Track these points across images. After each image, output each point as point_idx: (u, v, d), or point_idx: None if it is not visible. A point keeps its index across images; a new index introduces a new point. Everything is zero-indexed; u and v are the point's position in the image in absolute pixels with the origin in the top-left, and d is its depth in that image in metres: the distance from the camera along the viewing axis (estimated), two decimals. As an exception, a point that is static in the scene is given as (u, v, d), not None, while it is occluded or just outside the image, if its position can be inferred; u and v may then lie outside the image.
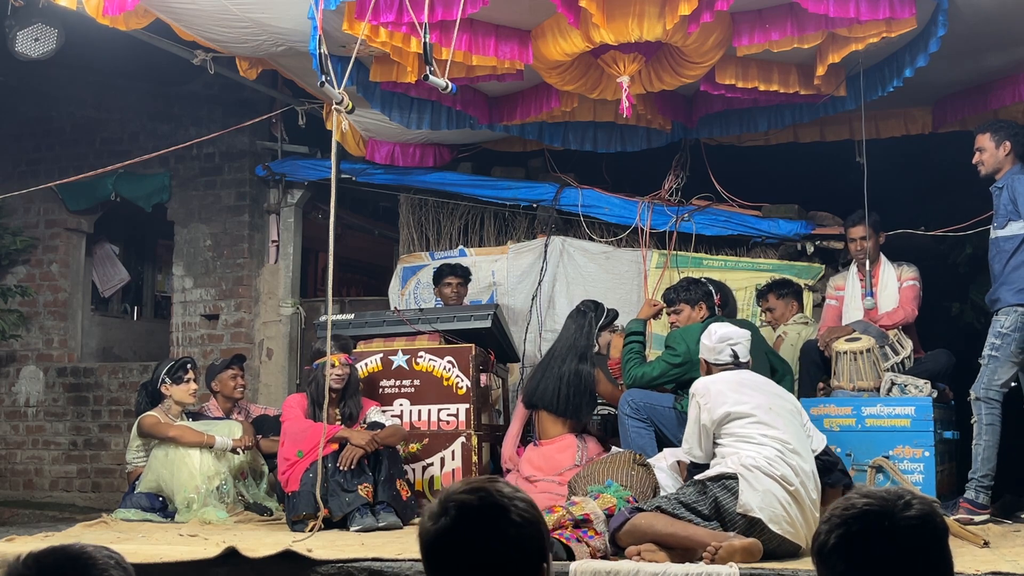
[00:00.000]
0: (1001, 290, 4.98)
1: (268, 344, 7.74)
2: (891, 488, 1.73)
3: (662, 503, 3.91)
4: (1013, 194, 4.96)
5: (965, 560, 3.61)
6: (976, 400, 4.94)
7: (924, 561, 1.65)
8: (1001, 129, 5.13)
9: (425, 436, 5.62)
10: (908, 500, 1.67)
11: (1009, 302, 4.92)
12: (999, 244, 5.04)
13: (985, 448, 4.91)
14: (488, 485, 1.71)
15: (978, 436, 4.92)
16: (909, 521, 1.64)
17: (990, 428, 4.91)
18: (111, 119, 8.27)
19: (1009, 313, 4.91)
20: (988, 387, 4.92)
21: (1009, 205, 4.98)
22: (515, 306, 7.06)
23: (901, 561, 1.63)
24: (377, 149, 7.07)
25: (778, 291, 6.18)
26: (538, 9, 4.92)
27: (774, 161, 7.14)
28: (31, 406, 8.27)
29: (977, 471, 4.91)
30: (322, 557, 3.86)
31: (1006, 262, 4.97)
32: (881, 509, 1.66)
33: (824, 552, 1.68)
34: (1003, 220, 5.01)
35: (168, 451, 5.54)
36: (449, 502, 1.68)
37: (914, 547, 1.64)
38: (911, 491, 1.71)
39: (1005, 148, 5.07)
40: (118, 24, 5.19)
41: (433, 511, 1.70)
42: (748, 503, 3.81)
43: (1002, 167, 5.08)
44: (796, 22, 4.89)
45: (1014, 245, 4.95)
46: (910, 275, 5.67)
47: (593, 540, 3.85)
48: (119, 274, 9.29)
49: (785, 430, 4.05)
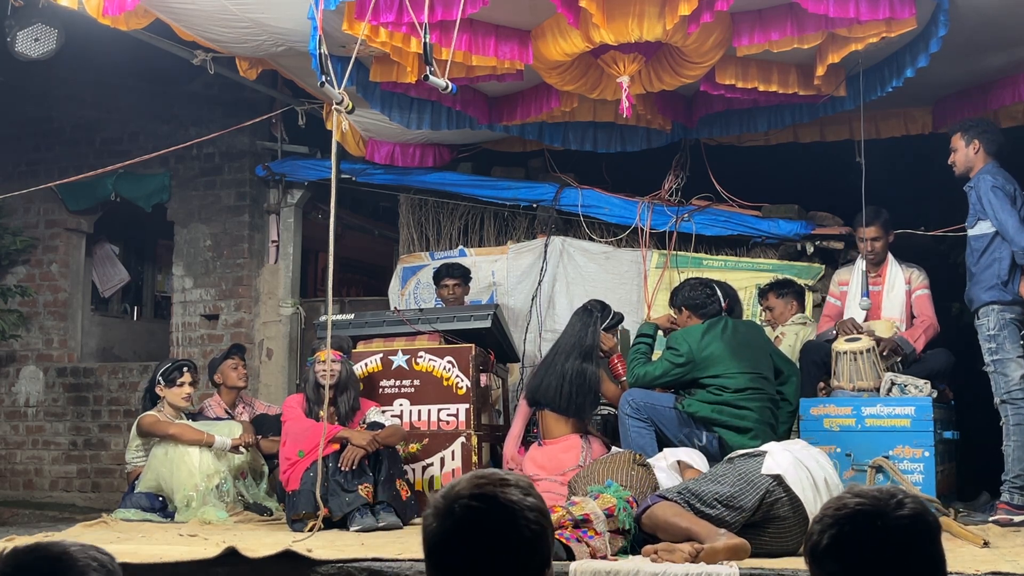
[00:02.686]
0: (975, 289, 5.11)
1: (268, 344, 7.74)
2: (883, 487, 1.73)
3: (671, 494, 3.93)
4: (979, 193, 5.04)
5: (965, 560, 3.61)
6: (1001, 404, 4.97)
7: (917, 560, 1.65)
8: (971, 128, 5.19)
9: (425, 436, 5.62)
10: (900, 499, 1.67)
11: (983, 300, 5.04)
12: (971, 243, 5.18)
13: (1015, 448, 4.94)
14: (497, 491, 1.65)
15: (1007, 437, 4.96)
16: (901, 520, 1.64)
17: (1018, 428, 4.95)
18: (111, 119, 8.26)
19: (988, 313, 5.02)
20: (1007, 389, 4.96)
21: (977, 204, 5.08)
22: (515, 306, 7.05)
23: (894, 560, 1.63)
24: (377, 149, 7.06)
25: (778, 291, 6.17)
26: (538, 9, 4.92)
27: (774, 161, 7.14)
28: (31, 406, 8.27)
29: (1010, 472, 4.94)
30: (322, 557, 3.86)
31: (977, 260, 5.11)
32: (873, 509, 1.66)
33: (817, 552, 1.68)
34: (973, 219, 5.14)
35: (168, 450, 5.55)
36: (456, 503, 1.63)
37: (907, 546, 1.64)
38: (903, 490, 1.71)
39: (975, 146, 5.13)
40: (118, 24, 5.19)
41: (439, 509, 1.64)
42: (772, 465, 3.94)
43: (973, 166, 5.16)
44: (796, 22, 4.89)
45: (983, 244, 5.07)
46: (922, 283, 5.67)
47: (593, 540, 3.85)
48: (119, 274, 9.29)
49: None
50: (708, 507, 3.84)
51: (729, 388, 4.94)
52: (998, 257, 5.02)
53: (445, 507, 1.64)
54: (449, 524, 1.62)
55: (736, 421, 4.91)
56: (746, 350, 5.10)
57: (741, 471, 3.97)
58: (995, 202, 4.97)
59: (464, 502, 1.63)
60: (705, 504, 3.85)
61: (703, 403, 4.93)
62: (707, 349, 5.02)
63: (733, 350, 5.02)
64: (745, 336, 5.21)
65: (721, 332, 5.11)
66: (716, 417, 4.91)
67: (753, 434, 4.86)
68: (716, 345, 5.01)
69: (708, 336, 5.08)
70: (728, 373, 4.94)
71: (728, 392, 4.94)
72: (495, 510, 1.62)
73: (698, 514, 3.82)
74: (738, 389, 4.95)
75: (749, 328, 5.44)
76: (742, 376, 4.97)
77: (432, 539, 1.64)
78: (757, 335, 5.39)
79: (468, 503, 1.63)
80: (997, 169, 5.10)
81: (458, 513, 1.62)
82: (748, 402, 4.95)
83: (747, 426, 4.90)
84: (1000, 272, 5.00)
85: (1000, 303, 4.99)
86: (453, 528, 1.62)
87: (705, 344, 5.03)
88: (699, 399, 4.95)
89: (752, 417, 4.92)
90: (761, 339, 5.38)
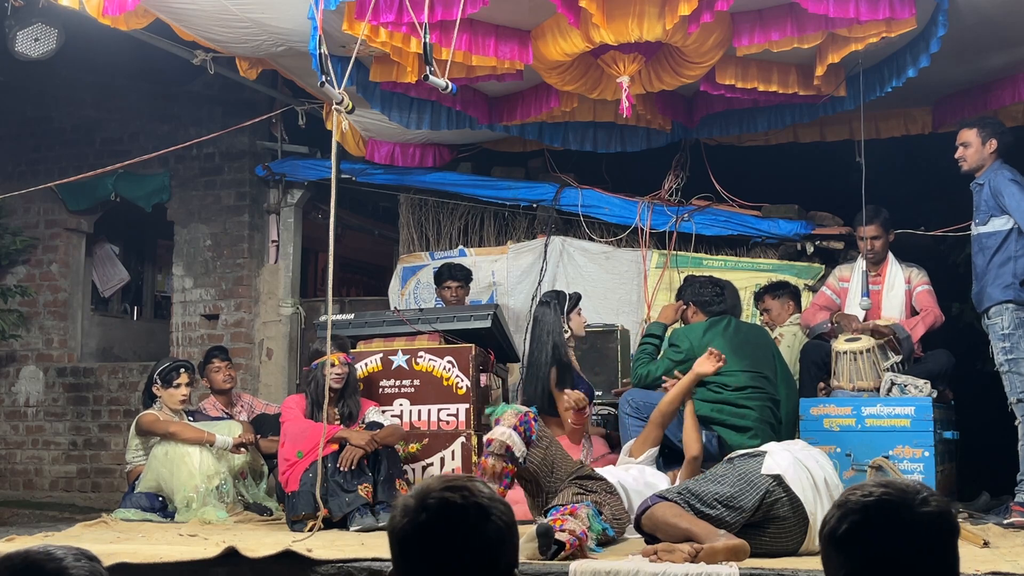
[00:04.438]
0: (987, 287, 5.02)
1: (268, 344, 7.74)
2: (908, 481, 1.72)
3: (671, 494, 3.93)
4: (996, 190, 4.98)
5: (965, 560, 3.56)
6: (1017, 403, 4.92)
7: (936, 557, 1.64)
8: (988, 126, 5.15)
9: (425, 436, 5.61)
10: (926, 496, 1.66)
11: (997, 299, 4.96)
12: (981, 240, 5.09)
13: None
14: (469, 484, 1.68)
15: (1023, 438, 4.91)
16: (927, 516, 1.63)
17: None
18: (111, 119, 8.27)
19: (1002, 312, 4.94)
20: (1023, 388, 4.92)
21: (991, 200, 5.01)
22: (515, 306, 7.06)
23: (914, 555, 1.63)
24: (377, 149, 7.07)
25: (774, 292, 6.18)
26: (538, 9, 4.92)
27: (774, 161, 7.14)
28: (31, 406, 8.27)
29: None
30: (322, 557, 3.85)
31: (990, 258, 5.02)
32: (900, 500, 1.65)
33: (836, 536, 1.66)
34: (985, 216, 5.05)
35: (168, 450, 5.54)
36: (429, 498, 1.64)
37: (928, 542, 1.64)
38: (927, 487, 1.71)
39: (991, 145, 5.09)
40: (118, 24, 5.19)
41: (409, 506, 1.65)
42: (772, 465, 3.92)
43: (984, 164, 5.10)
44: (796, 22, 4.89)
45: (997, 241, 4.99)
46: (922, 280, 5.65)
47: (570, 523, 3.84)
48: (119, 274, 9.28)
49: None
50: (708, 507, 3.84)
51: (729, 386, 4.94)
52: (1014, 255, 4.94)
53: (417, 503, 1.65)
54: (422, 516, 1.63)
55: (736, 420, 4.91)
56: (747, 348, 5.10)
57: (741, 471, 3.97)
58: (1017, 194, 4.90)
59: (437, 494, 1.65)
60: (705, 504, 3.85)
61: (703, 401, 4.93)
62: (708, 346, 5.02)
63: (734, 348, 5.02)
64: (747, 335, 5.22)
65: (723, 330, 5.12)
66: (716, 416, 4.91)
67: (752, 433, 4.86)
68: (717, 343, 5.01)
69: (710, 334, 5.09)
70: (728, 371, 4.93)
71: (728, 390, 4.94)
72: (469, 502, 1.64)
73: (698, 514, 3.82)
74: (738, 388, 4.95)
75: (752, 328, 5.44)
76: (743, 375, 4.97)
77: (403, 531, 1.64)
78: (760, 335, 5.40)
79: (442, 495, 1.64)
80: (1006, 165, 5.08)
81: (432, 505, 1.64)
82: (748, 401, 4.95)
83: (747, 425, 4.90)
84: (1017, 270, 4.92)
85: (1016, 302, 4.91)
86: (426, 519, 1.63)
87: (707, 342, 5.03)
88: (699, 397, 4.94)
89: (752, 416, 4.92)
90: (764, 339, 5.39)
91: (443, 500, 1.64)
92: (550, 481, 4.27)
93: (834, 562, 1.67)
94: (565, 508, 3.98)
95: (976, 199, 5.11)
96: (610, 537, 4.08)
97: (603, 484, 4.31)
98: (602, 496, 4.24)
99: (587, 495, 4.18)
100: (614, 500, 4.28)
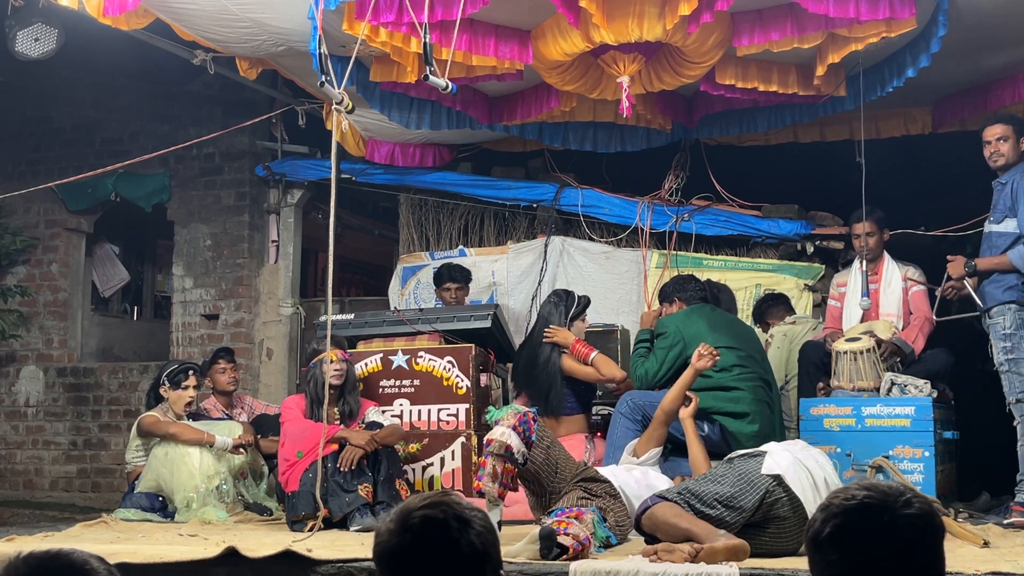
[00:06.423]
0: (990, 286, 5.02)
1: (268, 344, 7.74)
2: (892, 483, 1.73)
3: (671, 495, 3.93)
4: (1016, 193, 4.96)
5: (965, 560, 3.61)
6: (1016, 403, 4.92)
7: (919, 559, 1.65)
8: (1021, 124, 5.12)
9: (425, 436, 5.62)
10: (908, 498, 1.67)
11: (999, 300, 4.96)
12: (991, 239, 5.08)
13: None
14: (448, 499, 1.73)
15: (1022, 438, 4.91)
16: (909, 519, 1.64)
17: None
18: (111, 119, 8.27)
19: (1004, 312, 4.94)
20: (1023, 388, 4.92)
21: (1008, 200, 4.99)
22: (515, 306, 7.06)
23: (896, 557, 1.63)
24: (377, 149, 7.07)
25: (766, 308, 6.23)
26: (538, 9, 4.92)
27: (774, 161, 7.14)
28: (31, 406, 8.27)
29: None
30: (322, 557, 3.86)
31: None
32: (882, 503, 1.66)
33: (819, 539, 1.68)
34: (1000, 215, 5.04)
35: (168, 450, 5.54)
36: (411, 517, 1.69)
37: (911, 544, 1.64)
38: (914, 489, 1.72)
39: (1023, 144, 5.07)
40: (118, 24, 5.19)
41: (391, 528, 1.70)
42: (772, 465, 3.93)
43: (1013, 163, 5.08)
44: (796, 22, 4.89)
45: (1007, 242, 4.98)
46: (918, 279, 5.65)
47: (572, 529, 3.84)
48: (119, 274, 9.29)
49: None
50: (708, 507, 3.84)
51: (716, 366, 4.88)
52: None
53: (400, 523, 1.70)
54: (407, 536, 1.68)
55: (732, 406, 4.90)
56: (731, 329, 5.17)
57: (741, 471, 3.97)
58: None
59: (418, 513, 1.69)
60: (705, 504, 3.85)
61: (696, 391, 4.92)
62: (692, 327, 5.08)
63: (716, 326, 5.09)
64: (730, 320, 5.34)
65: (705, 313, 5.22)
66: (712, 404, 4.89)
67: (751, 419, 4.87)
68: (700, 323, 5.10)
69: (692, 316, 5.19)
70: None
71: (716, 372, 4.90)
72: (449, 515, 1.69)
73: (698, 514, 3.82)
74: (725, 368, 4.92)
75: (736, 319, 5.51)
76: (729, 352, 4.95)
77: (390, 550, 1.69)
78: (744, 325, 5.55)
79: (422, 512, 1.69)
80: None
81: (415, 523, 1.68)
82: (739, 382, 4.95)
83: (743, 410, 4.89)
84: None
85: (1019, 303, 4.92)
86: (411, 538, 1.67)
87: (690, 323, 5.11)
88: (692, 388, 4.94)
89: (746, 399, 4.91)
90: (748, 329, 5.51)
91: (425, 517, 1.69)
92: (554, 482, 4.26)
93: (818, 565, 1.69)
94: (570, 511, 3.97)
95: (995, 197, 5.08)
96: (613, 545, 4.08)
97: (607, 487, 4.30)
98: (606, 501, 4.23)
99: (592, 499, 4.17)
100: (618, 505, 4.27)
